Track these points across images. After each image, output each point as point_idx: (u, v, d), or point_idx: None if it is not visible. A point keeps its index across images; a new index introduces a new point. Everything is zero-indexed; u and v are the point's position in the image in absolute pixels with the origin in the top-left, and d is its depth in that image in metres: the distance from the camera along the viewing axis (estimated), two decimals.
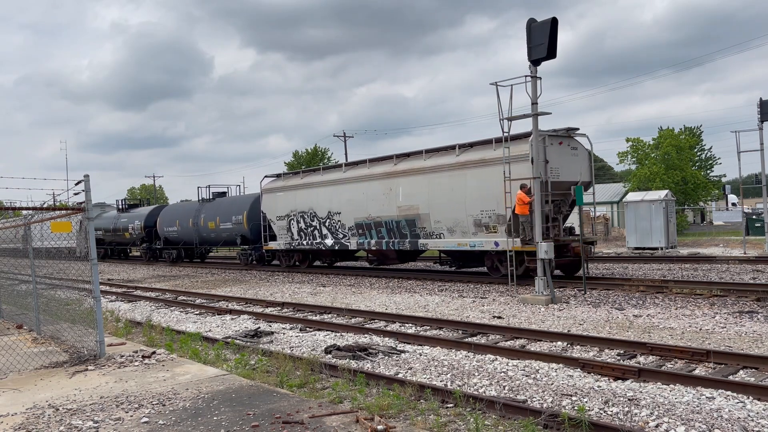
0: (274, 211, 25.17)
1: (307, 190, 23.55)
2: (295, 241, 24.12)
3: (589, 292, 14.64)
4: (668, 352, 8.36)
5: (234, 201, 29.85)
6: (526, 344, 9.69)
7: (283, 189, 24.84)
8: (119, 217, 39.27)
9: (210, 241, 31.50)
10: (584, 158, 17.37)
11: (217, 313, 14.71)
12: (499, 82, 14.21)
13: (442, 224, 18.33)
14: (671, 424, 5.71)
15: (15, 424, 5.37)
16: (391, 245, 20.15)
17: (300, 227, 23.78)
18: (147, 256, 36.59)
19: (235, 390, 6.15)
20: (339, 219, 21.91)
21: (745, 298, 12.63)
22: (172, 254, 34.26)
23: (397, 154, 20.44)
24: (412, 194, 19.07)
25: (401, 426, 5.43)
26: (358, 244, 21.40)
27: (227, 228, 28.84)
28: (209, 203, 31.20)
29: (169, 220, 33.75)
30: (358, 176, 21.38)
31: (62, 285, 11.06)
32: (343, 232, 21.81)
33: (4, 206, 25.66)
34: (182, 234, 32.58)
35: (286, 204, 24.49)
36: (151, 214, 36.38)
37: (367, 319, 12.58)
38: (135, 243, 38.52)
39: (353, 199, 21.25)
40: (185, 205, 34.74)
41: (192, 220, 31.35)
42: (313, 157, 55.99)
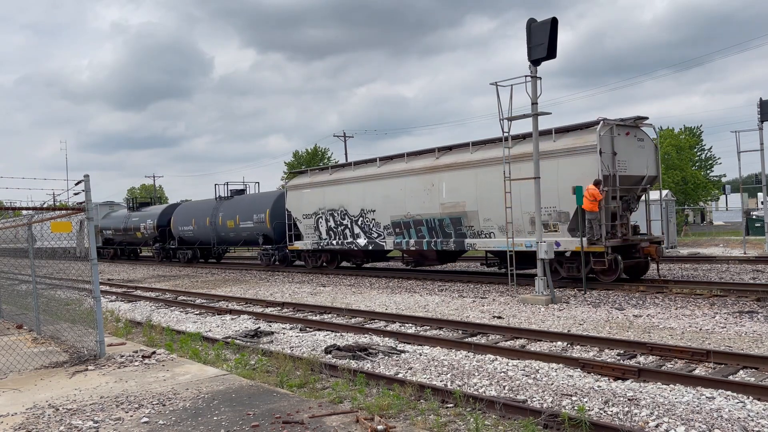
0: (300, 209, 23.86)
1: (337, 186, 22.11)
2: (324, 240, 22.74)
3: (589, 292, 14.64)
4: (668, 352, 8.35)
5: (255, 198, 28.44)
6: (526, 344, 9.69)
7: (310, 185, 23.48)
8: (130, 216, 37.82)
9: (229, 241, 29.94)
10: (651, 150, 16.32)
11: (217, 313, 14.71)
12: (499, 82, 14.23)
13: (493, 222, 16.98)
14: (671, 424, 5.71)
15: (15, 424, 5.37)
16: (433, 245, 18.75)
17: (329, 226, 22.44)
18: (160, 257, 35.26)
19: (235, 390, 6.15)
20: (373, 217, 20.53)
21: (745, 298, 12.63)
22: (186, 254, 32.89)
23: (439, 147, 18.90)
24: (457, 190, 17.59)
25: (401, 426, 5.43)
26: (395, 245, 20.00)
27: (248, 227, 27.42)
28: (227, 201, 29.62)
29: (184, 218, 32.32)
30: (394, 171, 20.01)
31: (62, 285, 11.07)
32: (378, 231, 20.44)
33: (4, 206, 25.67)
34: (198, 233, 31.15)
35: (313, 201, 23.14)
36: (164, 212, 34.91)
37: (367, 319, 12.58)
38: (147, 243, 37.07)
39: (390, 195, 19.89)
40: (201, 203, 32.82)
41: (209, 218, 29.89)
42: (313, 157, 56.00)
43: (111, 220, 39.71)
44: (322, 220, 22.81)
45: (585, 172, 14.83)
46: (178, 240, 33.18)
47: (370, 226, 20.72)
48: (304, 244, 23.80)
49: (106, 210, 41.92)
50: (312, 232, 23.35)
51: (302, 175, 25.10)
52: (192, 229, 31.51)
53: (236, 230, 28.19)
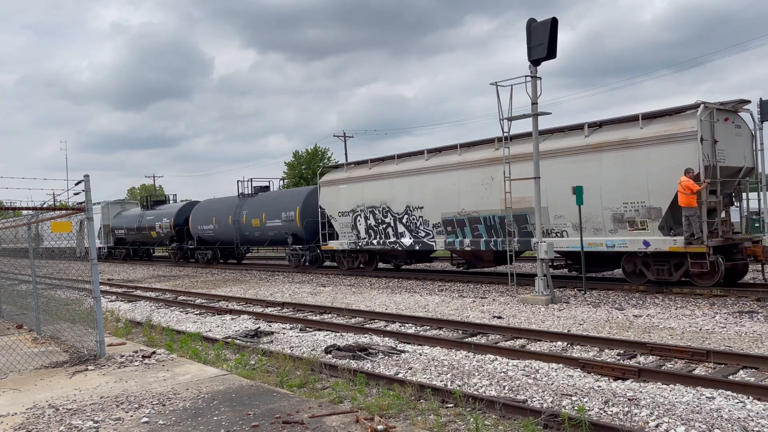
0: (335, 206, 22.24)
1: (378, 181, 20.42)
2: (362, 240, 21.10)
3: (589, 292, 14.64)
4: (668, 352, 8.36)
5: (283, 195, 26.94)
6: (526, 344, 9.69)
7: (347, 181, 21.84)
8: (144, 214, 36.01)
9: (253, 241, 28.18)
10: (747, 139, 14.59)
11: (217, 313, 14.71)
12: (499, 82, 14.23)
13: (566, 219, 15.36)
14: (671, 424, 5.71)
15: (15, 424, 5.37)
16: (492, 245, 17.07)
17: (369, 224, 20.76)
18: (176, 257, 33.48)
19: (235, 390, 6.15)
20: (420, 215, 18.90)
21: (745, 298, 12.63)
22: (206, 255, 31.05)
23: (499, 137, 16.67)
24: (522, 184, 15.51)
25: (401, 426, 5.43)
26: (446, 244, 18.26)
27: (275, 225, 25.65)
28: (252, 198, 27.85)
29: (203, 217, 30.52)
30: (446, 164, 18.27)
31: (62, 285, 11.06)
32: (426, 229, 18.73)
33: (4, 206, 25.68)
34: (220, 233, 29.36)
35: (350, 198, 21.50)
36: (181, 211, 33.08)
37: (367, 319, 12.58)
38: (163, 242, 35.46)
39: (441, 190, 18.16)
40: (223, 201, 30.86)
41: (232, 217, 28.10)
42: (313, 157, 55.94)
43: (123, 220, 38.27)
44: (360, 218, 21.15)
45: (681, 162, 13.28)
46: (197, 240, 31.38)
47: (417, 224, 19.08)
48: (340, 243, 22.19)
49: (117, 209, 40.60)
50: (349, 231, 21.71)
51: (337, 169, 23.29)
52: (212, 228, 29.77)
53: (262, 229, 26.57)
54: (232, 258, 31.93)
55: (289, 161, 56.86)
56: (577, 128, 15.78)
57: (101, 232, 39.12)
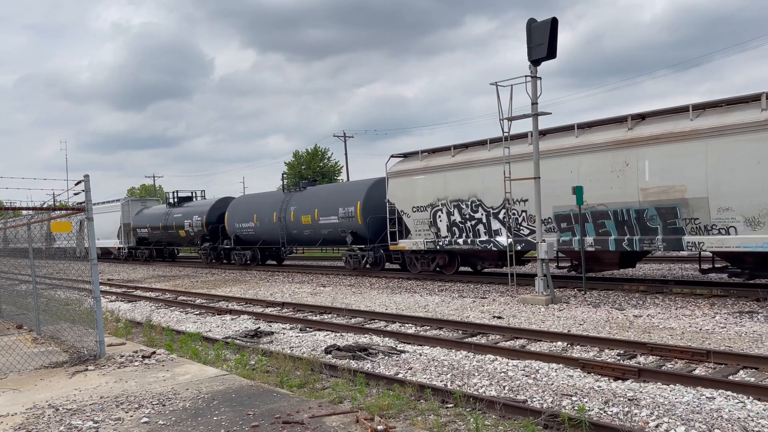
0: (407, 200, 19.43)
1: (466, 170, 17.56)
2: (444, 238, 18.35)
3: (589, 292, 14.64)
4: (668, 352, 8.35)
5: (341, 189, 24.21)
6: (526, 344, 9.69)
7: (424, 170, 19.05)
8: (171, 212, 33.36)
9: (302, 240, 25.29)
10: None
11: (217, 313, 14.71)
12: (499, 82, 14.23)
13: (735, 213, 12.67)
14: (671, 424, 5.70)
15: (15, 424, 5.37)
16: (626, 244, 14.29)
17: (453, 221, 18.01)
18: (209, 258, 30.70)
19: (235, 390, 6.15)
20: (524, 209, 16.23)
21: (745, 298, 12.63)
22: (244, 255, 28.35)
23: (633, 114, 14.52)
24: (670, 170, 13.38)
25: (401, 426, 5.43)
26: (559, 243, 15.59)
27: (331, 223, 22.96)
28: (300, 193, 25.40)
29: (242, 214, 27.86)
30: (559, 149, 15.61)
31: (62, 285, 11.07)
32: (531, 226, 15.93)
33: (4, 206, 25.68)
34: (262, 231, 26.68)
35: (428, 190, 18.75)
36: (215, 208, 30.49)
37: (367, 319, 12.57)
38: (193, 242, 32.57)
39: (552, 180, 15.28)
40: (265, 196, 28.30)
41: (277, 213, 25.48)
42: (314, 157, 55.94)
43: (146, 218, 35.73)
44: (441, 214, 18.44)
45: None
46: (234, 239, 28.61)
47: (519, 220, 16.45)
48: (414, 243, 19.34)
49: (138, 206, 38.50)
50: (426, 229, 18.91)
51: (411, 157, 20.13)
52: (253, 226, 27.06)
53: (313, 227, 23.84)
54: (273, 259, 29.47)
55: (289, 161, 56.88)
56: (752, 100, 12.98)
57: (120, 231, 37.57)
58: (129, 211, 37.72)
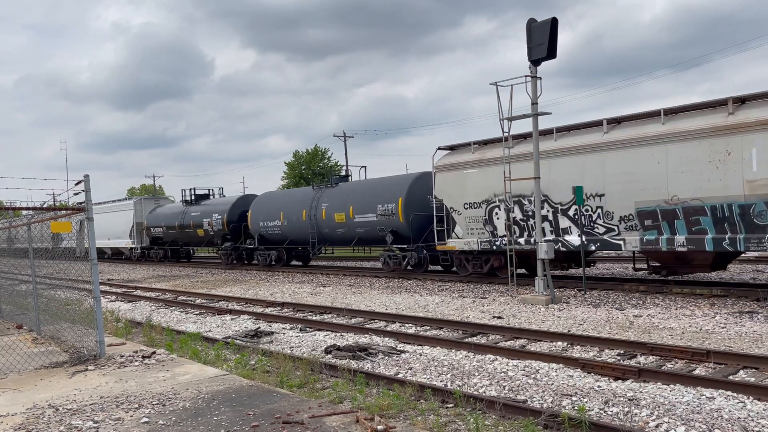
0: (458, 196, 17.76)
1: (527, 162, 15.58)
2: (500, 238, 16.73)
3: (589, 292, 14.64)
4: (668, 352, 8.36)
5: (379, 184, 22.17)
6: (526, 344, 9.69)
7: (477, 163, 17.41)
8: (188, 210, 31.79)
9: (335, 239, 23.72)
10: None
11: (217, 313, 14.71)
12: (499, 82, 14.23)
13: None
14: (671, 424, 5.71)
15: (15, 424, 5.37)
16: (727, 244, 12.61)
17: (513, 218, 16.41)
18: (230, 259, 29.11)
19: (235, 390, 6.15)
20: (599, 204, 14.64)
21: (745, 298, 12.63)
22: (269, 256, 26.66)
23: (734, 97, 12.89)
24: None
25: (401, 426, 5.43)
26: (643, 243, 13.87)
27: (367, 221, 21.35)
28: (332, 189, 23.87)
29: (267, 212, 26.38)
30: (642, 137, 13.92)
31: (62, 285, 11.07)
32: (608, 223, 14.44)
33: (4, 206, 25.69)
34: (289, 230, 25.22)
35: (482, 185, 17.12)
36: (236, 205, 28.99)
37: (367, 319, 12.58)
38: (212, 242, 30.93)
39: (634, 172, 13.91)
40: (293, 193, 27.01)
41: (307, 211, 24.02)
42: (314, 157, 55.96)
43: (160, 217, 34.10)
44: (498, 210, 16.86)
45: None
46: (258, 239, 27.03)
47: (593, 217, 14.84)
48: (466, 243, 17.64)
49: (151, 205, 36.90)
50: (479, 228, 17.36)
51: (461, 149, 18.27)
52: (280, 224, 25.55)
53: (348, 225, 22.27)
54: (298, 259, 27.82)
55: (289, 161, 56.89)
56: None
57: (133, 230, 36.04)
58: (142, 209, 36.25)
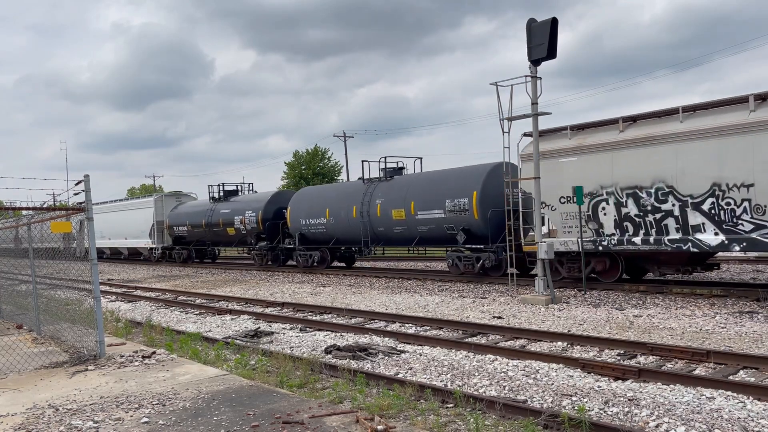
0: (551, 189, 15.37)
1: (646, 149, 13.69)
2: (609, 237, 14.54)
3: (589, 292, 14.64)
4: (668, 352, 8.36)
5: (447, 176, 19.44)
6: (526, 344, 9.69)
7: (576, 151, 15.08)
8: (216, 208, 29.68)
9: (392, 238, 21.26)
10: None
11: (217, 313, 14.71)
12: (499, 82, 14.23)
13: None
14: (671, 424, 5.71)
15: (15, 424, 5.37)
16: None
17: (624, 214, 14.25)
18: (265, 260, 27.03)
19: (235, 390, 6.15)
20: (745, 197, 12.57)
21: (745, 298, 12.63)
22: (312, 257, 24.26)
23: None
24: None
25: (401, 426, 5.43)
26: None
27: (434, 218, 18.99)
28: (387, 183, 21.43)
29: (310, 208, 24.15)
30: None
31: (62, 285, 11.07)
32: (758, 219, 12.45)
33: (3, 206, 25.70)
34: (336, 228, 22.99)
35: (584, 176, 14.97)
36: (272, 201, 26.85)
37: (367, 319, 12.58)
38: (245, 241, 28.32)
39: None
40: (340, 188, 24.57)
41: (357, 207, 21.70)
42: (314, 157, 55.92)
43: (184, 215, 31.89)
44: (606, 205, 14.69)
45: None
46: (299, 238, 24.66)
47: (737, 212, 12.72)
48: (562, 243, 15.38)
49: (172, 202, 34.35)
50: (578, 225, 15.16)
51: (553, 135, 15.81)
52: (325, 222, 23.31)
53: (408, 223, 19.91)
54: (342, 261, 25.60)
55: (289, 161, 56.87)
56: None
57: (153, 229, 33.77)
58: (162, 207, 33.86)
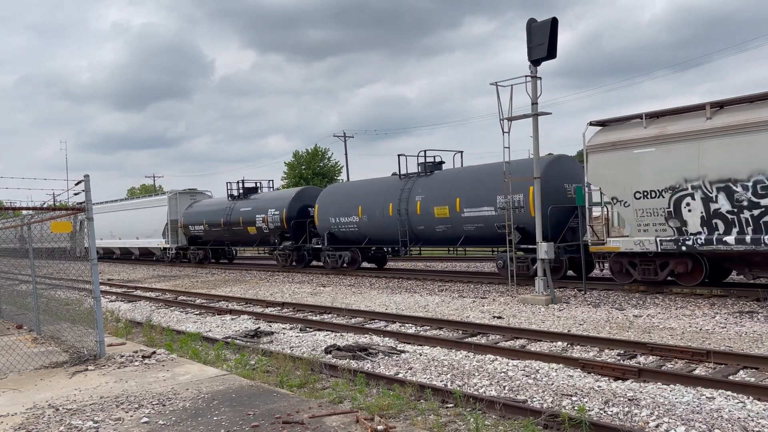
0: (625, 183, 13.94)
1: (740, 137, 12.33)
2: (694, 236, 13.14)
3: (589, 292, 14.64)
4: (668, 352, 8.36)
5: (498, 171, 17.09)
6: (526, 344, 9.69)
7: (655, 141, 13.56)
8: (235, 206, 28.27)
9: (433, 238, 19.62)
10: None
11: (217, 313, 14.71)
12: (499, 82, 14.23)
13: None
14: (671, 424, 5.71)
15: (15, 424, 5.37)
16: None
17: (714, 210, 12.81)
18: (290, 260, 25.59)
19: (235, 390, 6.15)
20: None
21: (745, 298, 12.62)
22: (342, 257, 22.79)
23: None
24: None
25: (401, 426, 5.43)
26: None
27: (482, 216, 17.54)
28: (427, 178, 20.01)
29: (340, 206, 22.72)
30: None
31: (62, 285, 11.06)
32: None
33: (4, 206, 25.68)
34: (370, 227, 21.60)
35: (665, 168, 13.42)
36: (298, 198, 25.44)
37: (367, 319, 12.57)
38: (268, 241, 26.80)
39: None
40: (373, 184, 22.85)
41: (395, 205, 20.32)
42: (314, 157, 55.94)
43: (201, 213, 30.54)
44: (691, 201, 13.27)
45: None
46: (327, 238, 23.20)
47: None
48: (637, 242, 13.85)
49: (187, 200, 32.77)
50: (659, 223, 13.72)
51: (625, 124, 14.35)
52: (357, 221, 21.97)
53: (452, 221, 18.45)
54: (372, 262, 24.12)
55: (289, 161, 56.87)
56: None
57: (167, 229, 32.32)
58: (177, 205, 32.41)
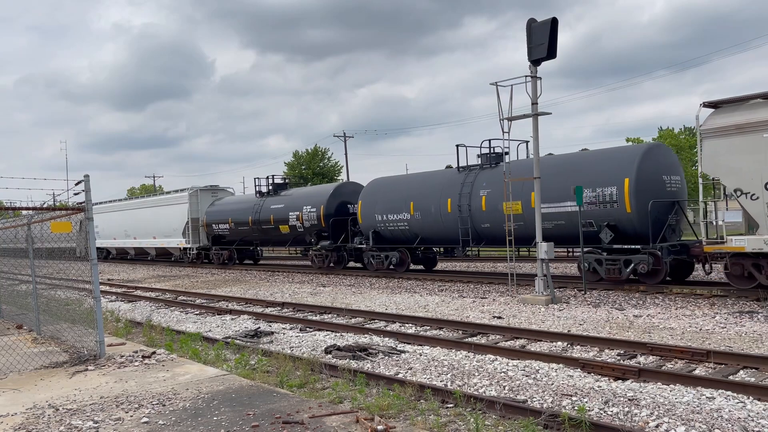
0: (754, 173, 11.95)
1: None
2: None
3: (589, 292, 14.64)
4: (668, 352, 8.36)
5: (581, 161, 16.03)
6: (526, 344, 9.69)
7: None
8: (265, 203, 26.37)
9: (500, 237, 16.54)
10: None
11: (217, 313, 14.71)
12: (499, 82, 14.22)
13: None
14: (671, 424, 5.70)
15: (15, 424, 5.37)
16: None
17: None
18: (327, 261, 23.62)
19: (235, 390, 6.15)
20: None
21: (745, 298, 12.62)
22: (389, 258, 20.97)
23: None
24: None
25: (401, 426, 5.43)
26: None
27: (564, 212, 15.54)
28: (491, 171, 17.94)
29: (387, 202, 20.73)
30: None
31: (62, 285, 11.05)
32: None
33: (4, 206, 25.69)
34: (423, 225, 19.63)
35: None
36: (335, 194, 23.51)
37: (367, 319, 12.57)
38: (303, 240, 25.00)
39: None
40: (427, 177, 20.61)
41: (454, 200, 18.36)
42: (314, 158, 55.96)
43: (225, 211, 28.83)
44: None
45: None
46: (373, 237, 21.34)
47: None
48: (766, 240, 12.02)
49: (208, 198, 30.96)
50: None
51: (749, 104, 12.22)
52: (409, 218, 19.95)
53: (526, 218, 16.08)
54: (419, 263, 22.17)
55: (289, 161, 56.87)
56: None
57: (187, 228, 30.48)
58: (198, 203, 30.57)
